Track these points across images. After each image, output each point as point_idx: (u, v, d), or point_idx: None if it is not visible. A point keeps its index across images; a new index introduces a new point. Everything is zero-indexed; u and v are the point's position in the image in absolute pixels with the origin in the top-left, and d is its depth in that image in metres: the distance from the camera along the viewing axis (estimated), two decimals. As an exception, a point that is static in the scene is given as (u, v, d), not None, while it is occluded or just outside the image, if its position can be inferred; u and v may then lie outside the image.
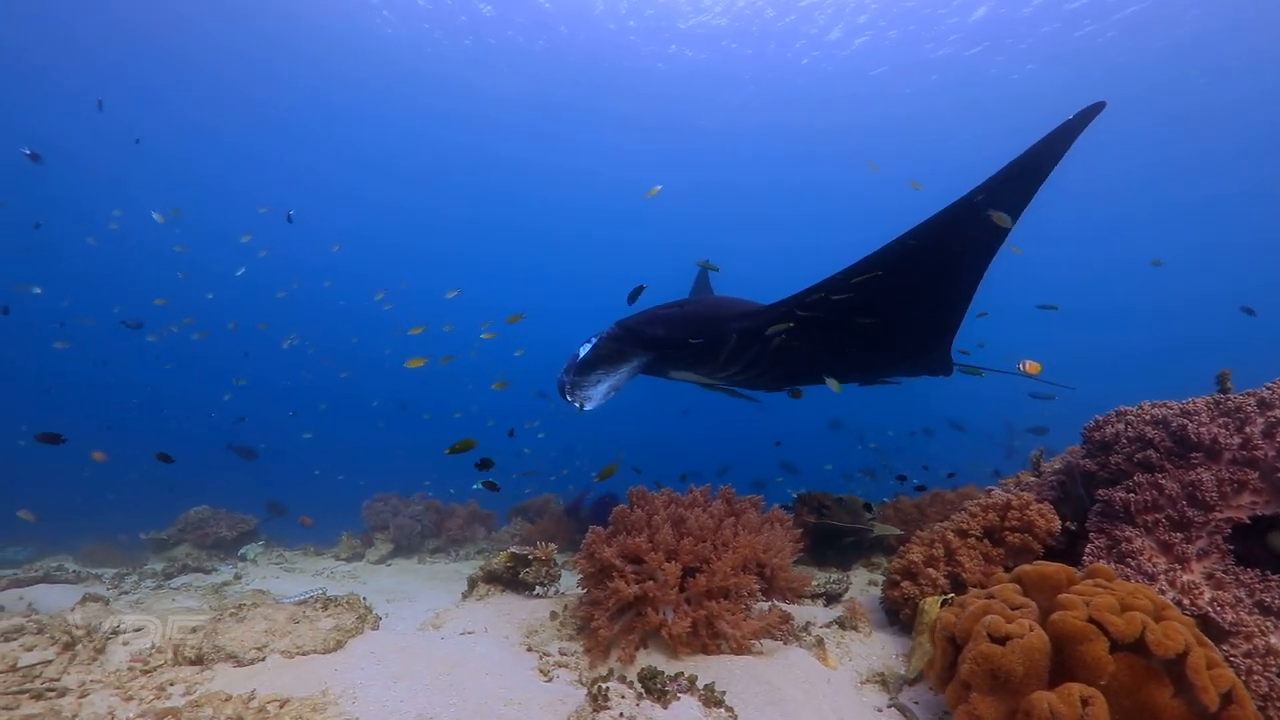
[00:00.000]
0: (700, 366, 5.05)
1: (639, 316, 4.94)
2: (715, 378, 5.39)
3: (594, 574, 3.03)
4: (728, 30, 18.78)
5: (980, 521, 3.33)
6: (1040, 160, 3.70)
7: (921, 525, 5.47)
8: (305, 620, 2.88)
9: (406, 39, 19.17)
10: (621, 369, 4.75)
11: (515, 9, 18.09)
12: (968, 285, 4.64)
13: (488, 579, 3.81)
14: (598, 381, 4.65)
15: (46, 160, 11.68)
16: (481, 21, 18.44)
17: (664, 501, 3.13)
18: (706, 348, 4.89)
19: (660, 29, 18.85)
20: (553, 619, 3.16)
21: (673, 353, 4.91)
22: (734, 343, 4.86)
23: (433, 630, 3.14)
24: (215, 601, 4.16)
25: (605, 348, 4.74)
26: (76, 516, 10.10)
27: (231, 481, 10.86)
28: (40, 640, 2.93)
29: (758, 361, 5.09)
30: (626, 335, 4.81)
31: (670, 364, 5.11)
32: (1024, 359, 6.40)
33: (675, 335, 4.83)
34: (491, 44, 19.46)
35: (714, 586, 2.81)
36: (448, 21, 18.45)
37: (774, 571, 3.04)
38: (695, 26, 18.62)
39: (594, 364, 4.68)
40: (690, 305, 5.02)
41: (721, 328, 4.82)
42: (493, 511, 7.29)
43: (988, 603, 2.28)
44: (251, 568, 5.91)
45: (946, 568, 3.26)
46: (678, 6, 18.06)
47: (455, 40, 19.39)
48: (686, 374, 5.41)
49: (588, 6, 18.06)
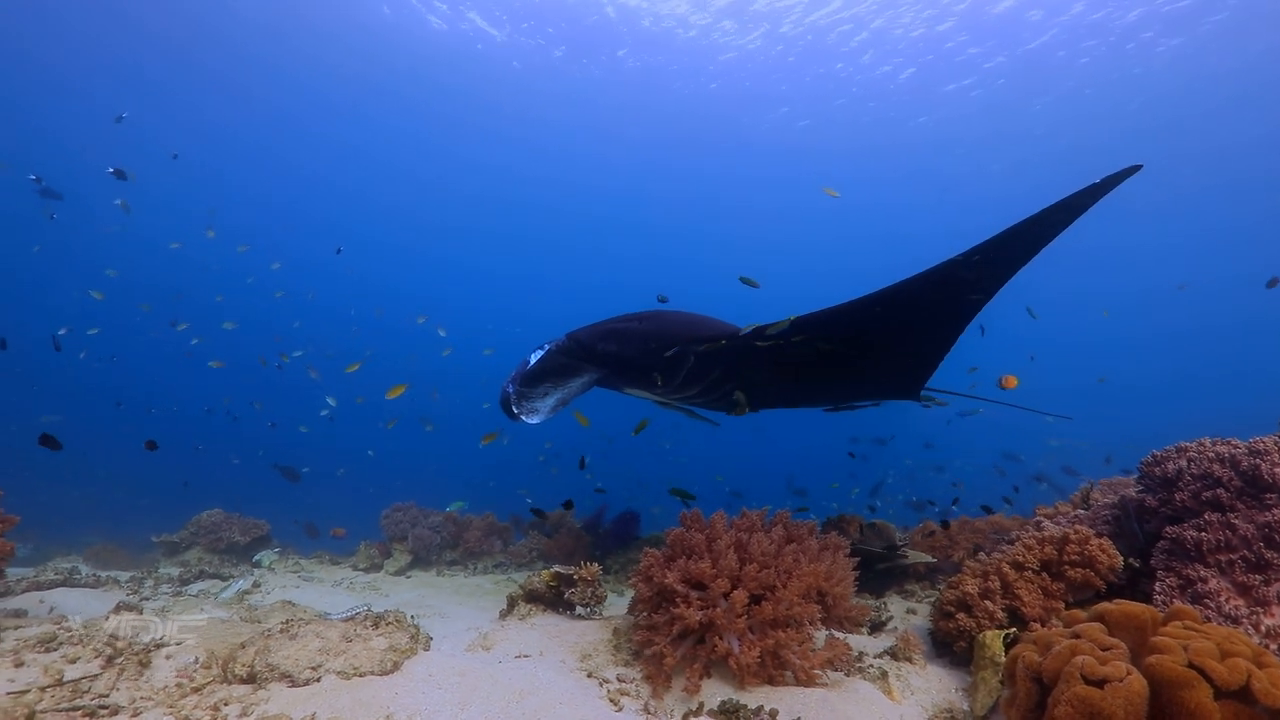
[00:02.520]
0: (655, 386, 4.76)
1: (592, 329, 4.67)
2: (671, 398, 5.10)
3: (652, 598, 2.98)
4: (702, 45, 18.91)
5: (1037, 554, 3.30)
6: (1050, 224, 3.36)
7: (952, 553, 5.45)
8: (358, 639, 2.80)
9: (416, 43, 19.18)
10: (571, 383, 4.51)
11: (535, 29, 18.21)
12: (952, 333, 4.40)
13: (528, 598, 3.73)
14: (545, 394, 4.37)
15: (44, 159, 11.65)
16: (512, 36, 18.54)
17: (725, 525, 3.08)
18: (661, 367, 4.57)
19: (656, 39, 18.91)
20: (608, 643, 3.09)
21: (626, 370, 4.65)
22: (692, 364, 4.55)
23: (482, 651, 3.06)
24: (245, 612, 4.06)
25: (553, 360, 4.51)
26: (76, 514, 9.93)
27: (243, 483, 10.72)
28: (83, 651, 2.84)
29: (718, 385, 4.81)
30: (576, 349, 4.57)
31: (624, 380, 4.86)
32: (1005, 375, 6.33)
33: (628, 352, 4.54)
34: (512, 62, 19.58)
35: (779, 615, 2.76)
36: (461, 33, 18.54)
37: (834, 600, 3.00)
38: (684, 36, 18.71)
39: (541, 376, 4.44)
40: (649, 320, 4.69)
41: (680, 348, 4.48)
42: (509, 524, 7.19)
43: (1075, 643, 2.24)
44: (269, 575, 5.80)
45: (1003, 601, 3.22)
46: (668, 26, 18.16)
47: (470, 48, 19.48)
48: (641, 392, 5.11)
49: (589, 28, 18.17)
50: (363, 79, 21.13)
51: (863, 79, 19.80)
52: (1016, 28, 16.90)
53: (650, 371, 4.55)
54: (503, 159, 26.59)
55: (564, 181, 28.19)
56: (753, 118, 22.46)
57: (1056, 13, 16.36)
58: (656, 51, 19.62)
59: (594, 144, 25.51)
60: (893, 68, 19.06)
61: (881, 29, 17.51)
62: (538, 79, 21.01)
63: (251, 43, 18.92)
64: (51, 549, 7.48)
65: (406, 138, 25.56)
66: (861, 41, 18.18)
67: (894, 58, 18.59)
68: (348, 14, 17.99)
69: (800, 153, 24.44)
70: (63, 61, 18.89)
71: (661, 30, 18.56)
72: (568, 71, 20.56)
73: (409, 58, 19.87)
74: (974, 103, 20.23)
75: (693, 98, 21.63)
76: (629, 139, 24.75)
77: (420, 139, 25.52)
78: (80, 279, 22.14)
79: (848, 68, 19.51)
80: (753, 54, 19.29)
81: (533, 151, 26.09)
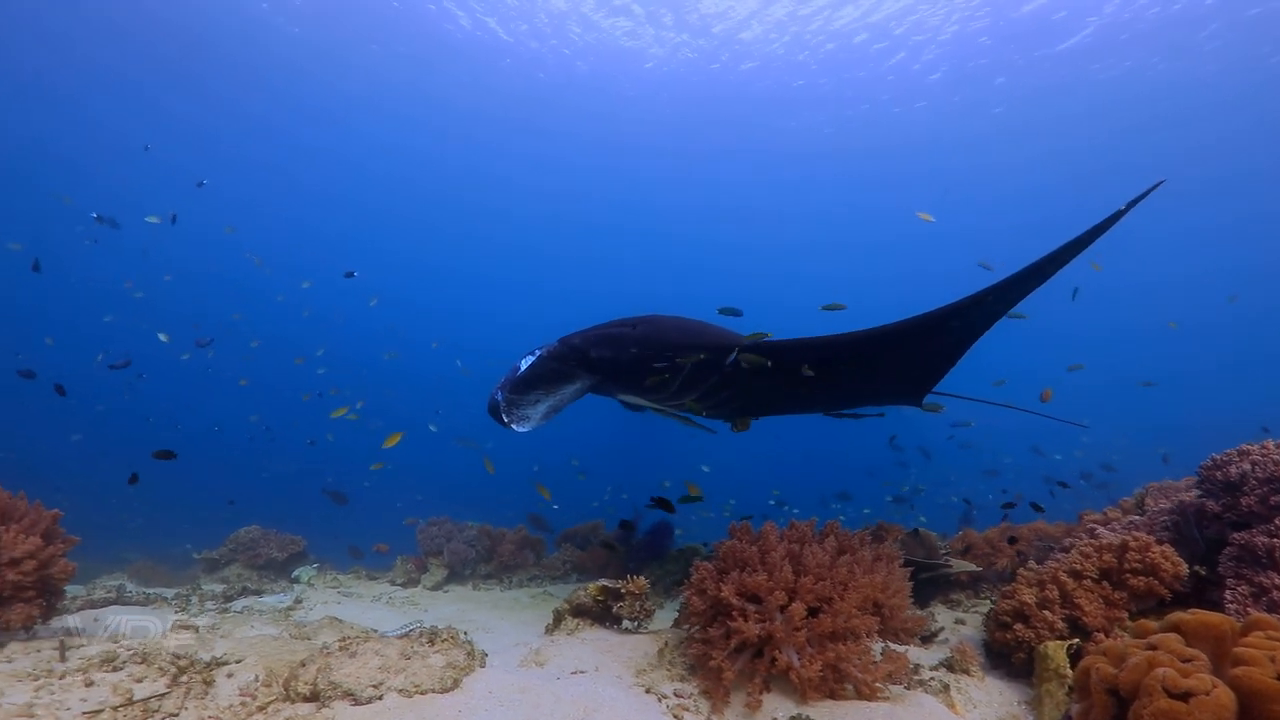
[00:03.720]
0: (651, 393, 4.63)
1: (586, 334, 4.53)
2: (667, 405, 4.96)
3: (706, 611, 2.96)
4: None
5: (1095, 563, 3.23)
6: (1062, 260, 3.32)
7: (995, 561, 5.36)
8: (416, 656, 2.82)
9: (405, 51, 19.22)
10: (564, 390, 4.35)
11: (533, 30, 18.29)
12: (960, 353, 4.34)
13: (575, 612, 3.73)
14: (536, 401, 4.23)
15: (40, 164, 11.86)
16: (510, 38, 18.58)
17: (778, 537, 3.06)
18: (658, 374, 4.42)
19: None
20: (660, 658, 3.08)
21: (620, 376, 4.50)
22: (689, 372, 4.43)
23: (536, 667, 3.06)
24: (294, 629, 4.11)
25: (545, 366, 4.34)
26: (115, 531, 10.11)
27: (273, 498, 10.86)
28: (148, 670, 2.89)
29: (715, 393, 4.65)
30: (570, 354, 4.41)
31: (618, 387, 4.72)
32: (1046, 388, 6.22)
33: (624, 358, 4.38)
34: (501, 62, 19.58)
35: (838, 627, 2.73)
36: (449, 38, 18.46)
37: (891, 612, 2.96)
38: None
39: (533, 382, 4.27)
40: (645, 326, 4.53)
41: (676, 354, 4.34)
42: (541, 537, 7.20)
43: (1154, 654, 2.19)
44: (310, 591, 5.86)
45: (1063, 611, 3.16)
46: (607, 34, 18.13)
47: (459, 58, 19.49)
48: (636, 399, 4.98)
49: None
50: (366, 90, 21.22)
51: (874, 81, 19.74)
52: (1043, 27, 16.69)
53: (646, 378, 4.43)
54: (525, 168, 26.68)
55: (587, 190, 28.29)
56: (780, 122, 22.40)
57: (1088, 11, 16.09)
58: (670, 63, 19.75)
59: (614, 153, 25.58)
60: (922, 66, 18.91)
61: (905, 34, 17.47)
62: (555, 89, 21.13)
63: (247, 57, 19.03)
64: (95, 566, 7.63)
65: (418, 149, 25.68)
66: (883, 48, 18.15)
67: (924, 57, 18.43)
68: (347, 19, 17.98)
69: (823, 157, 24.30)
70: (82, 90, 19.21)
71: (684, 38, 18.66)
72: (589, 81, 20.66)
73: (417, 64, 19.89)
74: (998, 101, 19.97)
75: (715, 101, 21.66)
76: (644, 146, 24.80)
77: (438, 144, 25.53)
78: (103, 301, 22.59)
79: (868, 74, 19.47)
80: (777, 57, 19.28)
81: (548, 160, 26.21)
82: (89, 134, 21.39)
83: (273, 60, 19.22)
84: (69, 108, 20.25)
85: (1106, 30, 16.74)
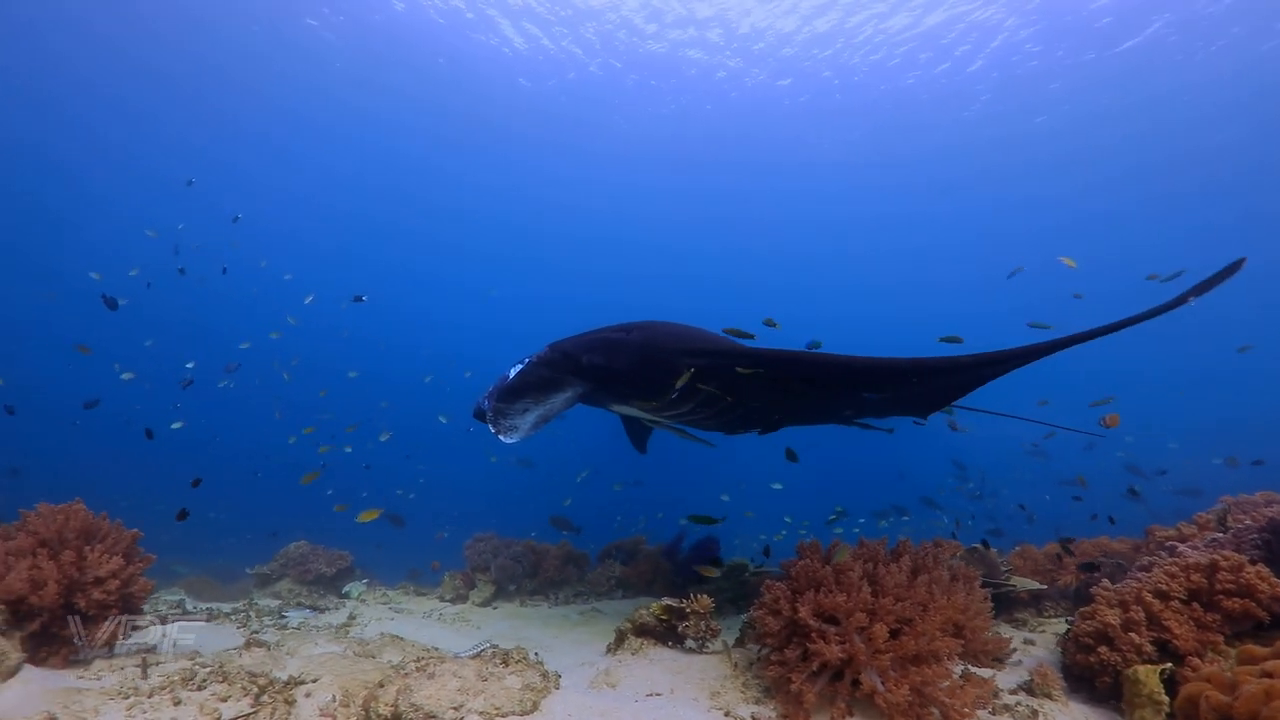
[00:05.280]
0: (645, 402, 4.44)
1: (577, 340, 4.37)
2: (662, 415, 4.75)
3: (780, 632, 2.92)
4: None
5: (1182, 583, 3.12)
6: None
7: (1058, 578, 5.20)
8: (492, 677, 2.83)
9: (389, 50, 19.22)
10: (554, 398, 4.15)
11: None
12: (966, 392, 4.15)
13: (638, 631, 3.71)
14: (525, 410, 4.02)
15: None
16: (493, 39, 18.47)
17: (854, 556, 3.01)
18: (652, 381, 4.21)
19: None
20: (733, 679, 3.04)
21: (614, 384, 4.33)
22: (686, 379, 4.21)
23: (608, 688, 3.05)
24: (356, 646, 4.15)
25: (535, 373, 4.21)
26: (153, 544, 10.35)
27: (310, 513, 11.03)
28: (231, 689, 2.94)
29: (713, 402, 4.41)
30: (561, 361, 4.28)
31: (611, 396, 4.53)
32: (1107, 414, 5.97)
33: (616, 365, 4.18)
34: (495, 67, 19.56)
35: (921, 650, 2.67)
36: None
37: (973, 634, 2.89)
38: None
39: (521, 390, 4.11)
40: (638, 331, 4.34)
41: (673, 361, 4.10)
42: (585, 552, 7.19)
43: (1272, 683, 2.10)
44: (362, 607, 5.92)
45: (1150, 633, 3.05)
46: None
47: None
48: (629, 408, 4.79)
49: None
50: (354, 96, 21.20)
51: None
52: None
53: (639, 386, 4.27)
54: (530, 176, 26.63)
55: (606, 201, 28.26)
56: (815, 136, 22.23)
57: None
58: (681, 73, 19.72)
59: (647, 170, 25.57)
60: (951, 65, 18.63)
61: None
62: (578, 103, 21.19)
63: (239, 70, 19.29)
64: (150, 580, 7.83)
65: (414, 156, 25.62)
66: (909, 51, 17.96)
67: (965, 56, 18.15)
68: (338, 27, 18.02)
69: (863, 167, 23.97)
70: (29, 72, 19.06)
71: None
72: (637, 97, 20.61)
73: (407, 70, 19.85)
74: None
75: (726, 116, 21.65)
76: (671, 158, 24.78)
77: (435, 151, 25.50)
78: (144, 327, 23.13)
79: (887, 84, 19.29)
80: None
81: (592, 180, 26.22)
82: (87, 144, 21.70)
83: (257, 70, 19.19)
84: (73, 124, 20.51)
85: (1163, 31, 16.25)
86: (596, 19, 17.79)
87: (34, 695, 2.76)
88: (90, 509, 3.70)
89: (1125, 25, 16.39)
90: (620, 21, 17.91)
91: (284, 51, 18.73)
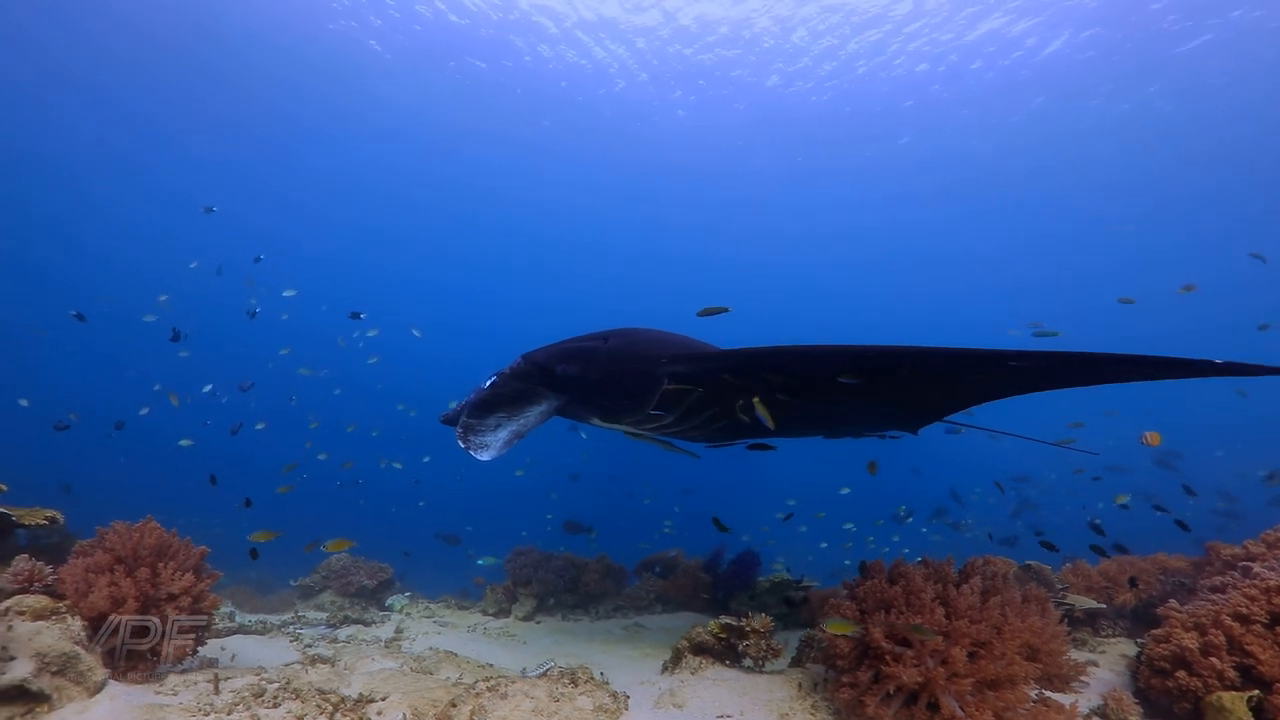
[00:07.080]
0: (623, 414, 4.26)
1: (550, 349, 4.22)
2: (643, 428, 4.56)
3: (851, 653, 2.90)
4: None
5: (1264, 606, 3.04)
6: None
7: (1115, 596, 5.09)
8: (564, 698, 2.84)
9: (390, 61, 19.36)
10: (528, 412, 4.03)
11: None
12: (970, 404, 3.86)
13: (696, 650, 3.70)
14: (497, 426, 3.89)
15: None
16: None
17: (924, 576, 2.99)
18: (630, 392, 4.05)
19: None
20: (798, 700, 3.02)
21: (590, 395, 4.19)
22: (665, 389, 4.00)
23: (675, 709, 3.04)
24: (413, 663, 4.19)
25: (507, 386, 4.08)
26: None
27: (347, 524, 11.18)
28: (305, 708, 2.99)
29: (695, 412, 4.21)
30: (534, 372, 4.14)
31: (588, 408, 4.39)
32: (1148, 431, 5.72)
33: (592, 375, 4.04)
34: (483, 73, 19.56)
35: (999, 674, 2.63)
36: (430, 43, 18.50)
37: (1050, 657, 2.84)
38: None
39: (493, 405, 3.98)
40: (615, 339, 4.21)
41: (652, 369, 3.93)
42: (622, 565, 7.19)
43: (1383, 715, 2.04)
44: (407, 621, 5.98)
45: (1231, 658, 2.97)
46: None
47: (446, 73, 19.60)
48: (607, 422, 4.63)
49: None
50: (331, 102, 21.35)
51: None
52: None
53: (617, 397, 4.12)
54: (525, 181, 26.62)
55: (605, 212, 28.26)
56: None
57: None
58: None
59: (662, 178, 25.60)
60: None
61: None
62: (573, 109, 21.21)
63: (233, 69, 19.51)
64: (218, 596, 8.00)
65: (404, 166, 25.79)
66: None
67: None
68: (308, 33, 18.08)
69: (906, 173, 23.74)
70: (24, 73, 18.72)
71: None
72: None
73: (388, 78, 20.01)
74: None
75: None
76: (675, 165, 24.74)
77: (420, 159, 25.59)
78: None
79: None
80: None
81: (563, 179, 26.17)
82: (86, 151, 22.11)
83: (249, 72, 19.31)
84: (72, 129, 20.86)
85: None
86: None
87: (120, 712, 2.83)
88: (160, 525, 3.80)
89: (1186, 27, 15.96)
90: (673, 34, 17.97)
91: (338, 64, 18.98)
